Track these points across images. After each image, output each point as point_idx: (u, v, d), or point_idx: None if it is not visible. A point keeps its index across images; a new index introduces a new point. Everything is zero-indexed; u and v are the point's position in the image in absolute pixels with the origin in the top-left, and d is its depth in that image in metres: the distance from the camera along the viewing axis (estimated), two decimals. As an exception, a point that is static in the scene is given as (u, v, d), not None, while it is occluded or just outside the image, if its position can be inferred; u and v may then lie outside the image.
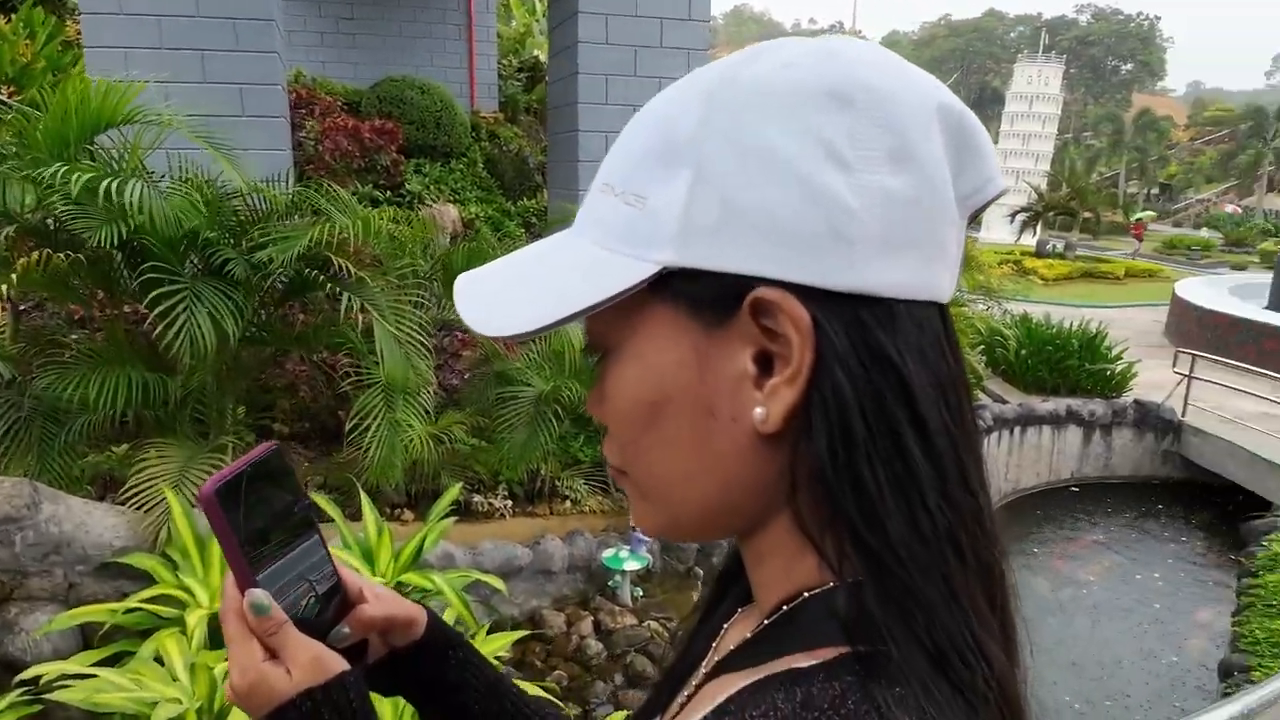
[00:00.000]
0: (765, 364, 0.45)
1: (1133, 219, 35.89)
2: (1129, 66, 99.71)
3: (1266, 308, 14.42)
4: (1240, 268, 26.00)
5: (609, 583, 4.87)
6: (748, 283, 0.43)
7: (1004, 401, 10.31)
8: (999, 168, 0.49)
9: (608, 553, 4.73)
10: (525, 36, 16.44)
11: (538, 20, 16.34)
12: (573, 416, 5.02)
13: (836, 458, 0.42)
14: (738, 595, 0.60)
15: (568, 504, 5.27)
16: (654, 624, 4.62)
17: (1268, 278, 16.28)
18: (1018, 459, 10.01)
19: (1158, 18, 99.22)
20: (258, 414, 5.25)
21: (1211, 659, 5.97)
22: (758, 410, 0.45)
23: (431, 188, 8.99)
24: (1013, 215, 30.47)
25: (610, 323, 0.49)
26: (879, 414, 0.42)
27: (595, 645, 4.48)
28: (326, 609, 0.65)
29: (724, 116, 0.44)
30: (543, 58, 13.23)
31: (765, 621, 0.48)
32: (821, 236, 0.42)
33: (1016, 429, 9.84)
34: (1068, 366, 10.74)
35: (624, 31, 6.50)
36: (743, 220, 0.43)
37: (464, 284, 0.53)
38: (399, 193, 8.60)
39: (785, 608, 0.47)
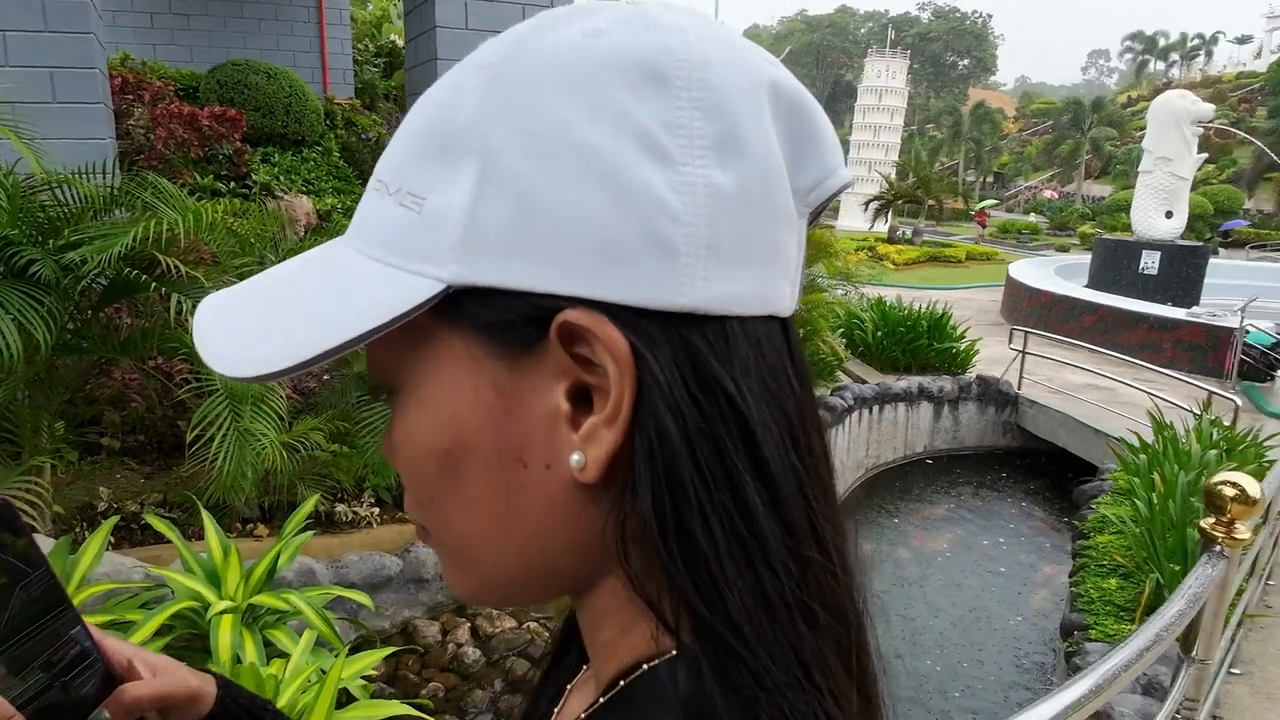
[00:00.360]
0: (584, 399, 0.37)
1: (976, 208, 38.75)
2: (965, 62, 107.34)
3: (1086, 286, 15.92)
4: (1064, 249, 28.64)
5: (486, 586, 4.73)
6: (553, 303, 0.35)
7: (863, 381, 10.86)
8: (842, 157, 0.43)
9: (483, 555, 4.58)
10: (382, 20, 15.74)
11: (395, 4, 15.68)
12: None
13: (664, 513, 0.35)
14: (583, 647, 0.53)
15: (441, 506, 5.07)
16: (534, 624, 4.53)
17: (1088, 258, 17.98)
18: (877, 435, 10.58)
19: (990, 16, 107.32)
20: (81, 428, 4.74)
21: (1054, 619, 6.52)
22: (574, 456, 0.37)
23: (282, 178, 8.43)
24: (866, 204, 32.17)
25: (393, 354, 0.40)
26: (714, 459, 0.35)
27: (473, 653, 4.35)
28: (80, 691, 0.54)
29: (512, 97, 0.36)
30: (401, 43, 12.70)
31: (600, 699, 0.41)
32: (638, 244, 0.35)
33: (875, 407, 10.39)
34: (918, 346, 11.45)
35: (484, 16, 6.31)
36: (540, 226, 0.35)
37: (207, 311, 0.42)
38: (244, 184, 8.00)
39: (621, 683, 0.40)
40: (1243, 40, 76.79)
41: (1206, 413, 7.21)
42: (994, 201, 41.25)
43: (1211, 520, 2.30)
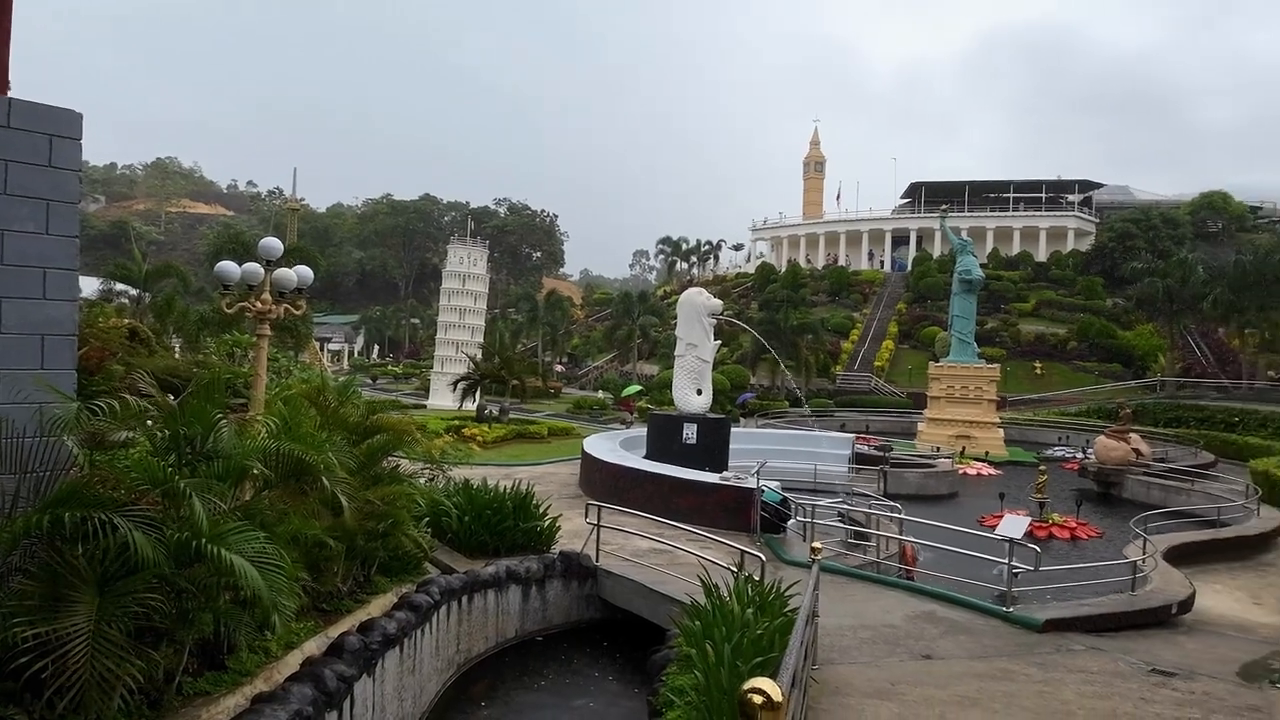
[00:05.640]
0: None
1: (624, 394, 41.96)
2: (538, 254, 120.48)
3: (645, 456, 17.89)
4: (625, 423, 32.24)
5: None
6: None
7: (452, 571, 10.43)
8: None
9: None
10: None
11: None
12: None
13: None
14: None
15: None
16: None
17: (645, 431, 20.36)
18: (468, 627, 10.11)
19: (556, 215, 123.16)
20: None
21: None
22: None
23: None
24: (455, 383, 32.89)
25: None
26: None
27: None
28: None
29: None
30: None
31: None
32: None
33: (464, 597, 9.97)
34: (505, 528, 11.49)
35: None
36: None
37: None
38: None
39: None
40: (737, 247, 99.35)
41: (742, 571, 8.24)
42: (639, 388, 44.41)
43: (747, 734, 2.37)
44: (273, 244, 9.94)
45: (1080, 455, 26.97)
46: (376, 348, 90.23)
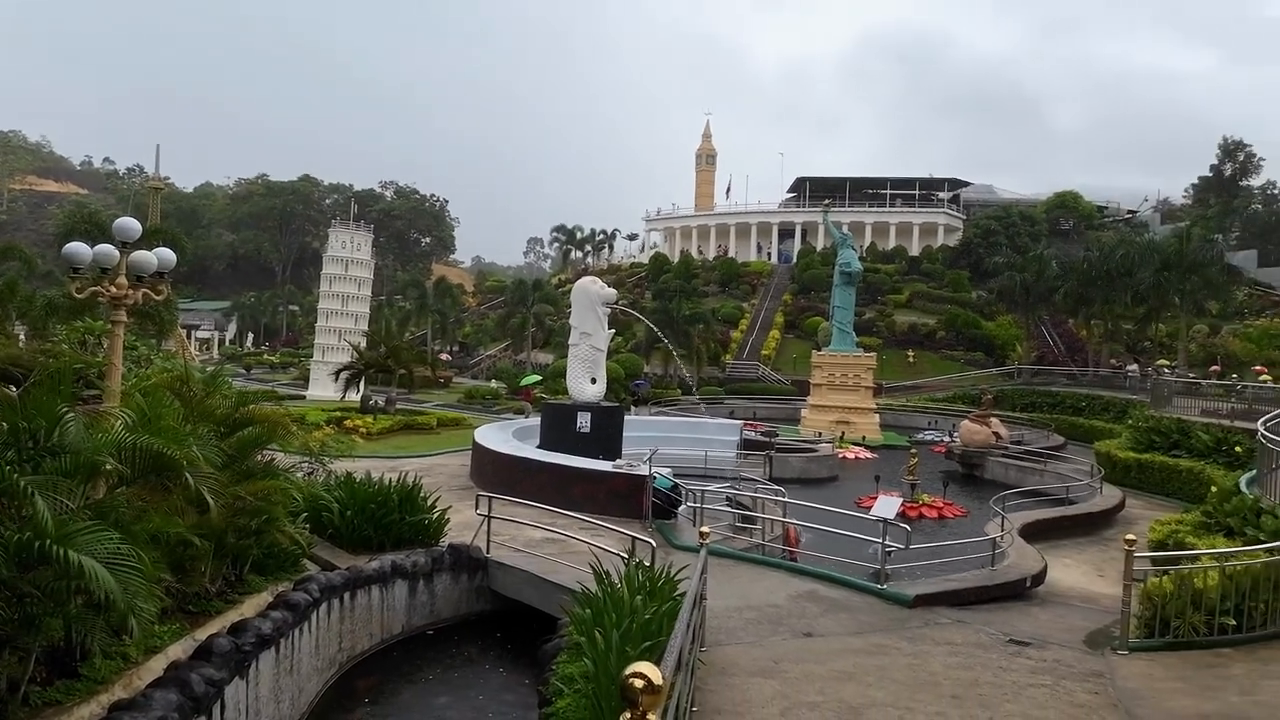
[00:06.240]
0: None
1: (521, 384, 40.92)
2: (427, 240, 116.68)
3: (539, 445, 17.74)
4: (521, 412, 31.87)
5: None
6: None
7: (333, 567, 10.03)
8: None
9: None
10: None
11: None
12: None
13: None
14: None
15: None
16: None
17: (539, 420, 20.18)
18: (350, 625, 9.76)
19: (446, 200, 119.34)
20: None
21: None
22: None
23: None
24: (337, 373, 31.55)
25: None
26: None
27: None
28: None
29: None
30: None
31: None
32: None
33: (346, 594, 9.62)
34: (391, 522, 11.13)
35: None
36: None
37: None
38: None
39: None
40: (632, 237, 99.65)
41: (633, 558, 8.31)
42: (538, 378, 43.35)
43: (628, 716, 2.38)
44: (129, 224, 9.15)
45: (947, 439, 28.69)
46: (251, 336, 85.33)
